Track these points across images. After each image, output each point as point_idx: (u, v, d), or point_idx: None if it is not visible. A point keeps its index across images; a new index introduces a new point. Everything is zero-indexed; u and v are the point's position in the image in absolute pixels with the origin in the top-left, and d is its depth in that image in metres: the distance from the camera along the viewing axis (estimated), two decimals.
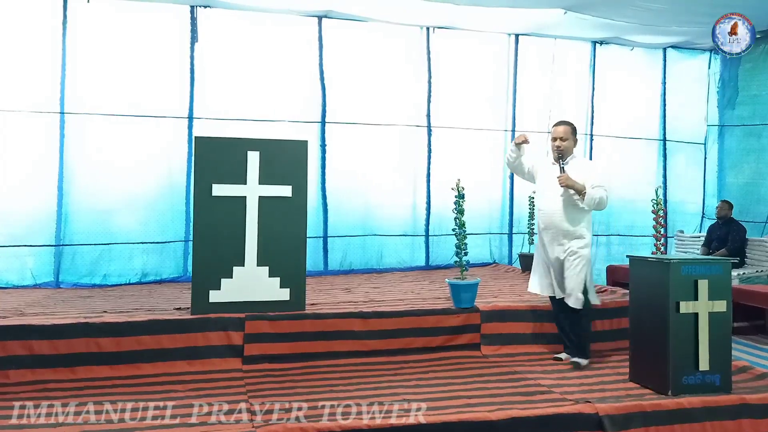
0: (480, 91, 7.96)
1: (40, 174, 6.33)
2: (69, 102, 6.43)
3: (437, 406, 3.56)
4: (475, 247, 7.26)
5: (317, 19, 7.21)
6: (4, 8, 6.24)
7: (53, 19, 6.38)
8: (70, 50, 6.43)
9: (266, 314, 4.59)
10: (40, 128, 6.37)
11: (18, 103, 6.29)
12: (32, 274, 6.27)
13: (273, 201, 4.80)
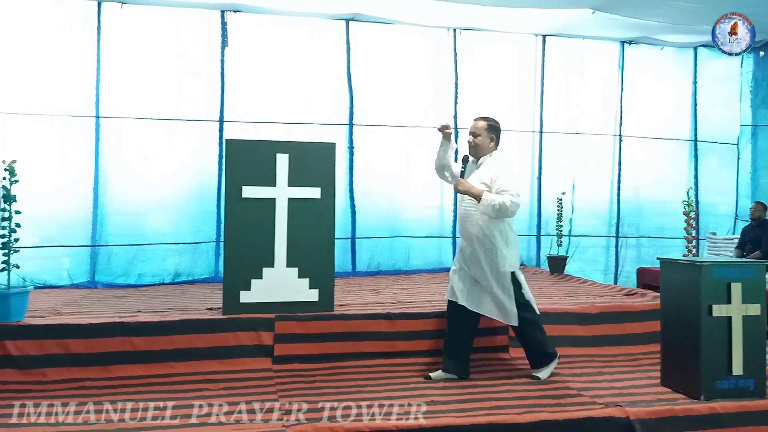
0: (506, 92, 7.93)
1: (76, 176, 6.49)
2: (104, 106, 6.59)
3: (465, 408, 3.57)
4: None
5: (345, 22, 7.26)
6: (40, 14, 6.40)
7: (87, 24, 6.54)
8: (104, 55, 6.59)
9: (295, 315, 4.64)
10: (77, 132, 6.53)
11: (55, 107, 6.45)
12: (69, 274, 6.43)
13: (302, 203, 4.85)
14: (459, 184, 4.13)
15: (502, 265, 4.13)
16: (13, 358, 4.15)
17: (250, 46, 6.98)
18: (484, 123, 4.25)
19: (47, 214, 6.19)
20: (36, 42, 6.40)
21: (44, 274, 6.30)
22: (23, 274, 5.73)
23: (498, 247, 4.12)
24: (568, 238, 7.81)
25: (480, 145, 4.22)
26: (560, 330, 4.96)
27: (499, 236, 4.12)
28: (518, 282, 4.20)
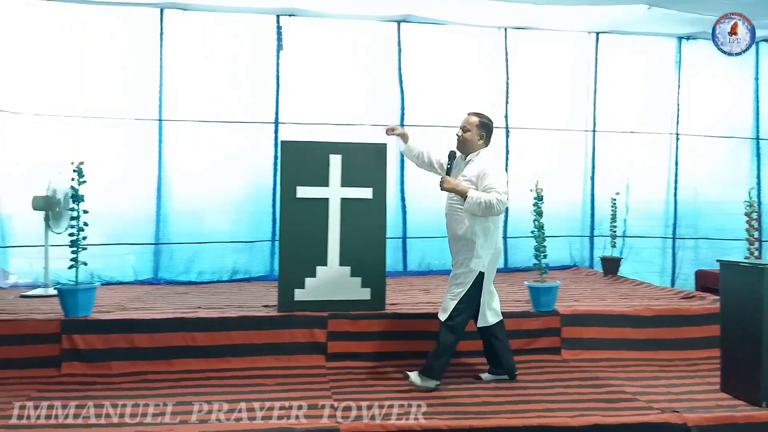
0: (558, 91, 7.82)
1: (141, 177, 6.73)
2: (166, 109, 6.82)
3: (517, 410, 3.57)
4: (554, 249, 7.14)
5: (396, 24, 7.30)
6: (107, 22, 6.66)
7: (151, 30, 6.77)
8: (166, 60, 6.81)
9: (348, 313, 4.73)
10: (142, 135, 6.78)
11: (121, 110, 6.72)
12: (133, 271, 6.69)
13: (354, 202, 4.92)
14: (444, 181, 4.02)
15: (475, 263, 4.02)
16: (80, 352, 4.37)
17: (304, 49, 7.09)
18: (476, 119, 4.15)
19: (113, 214, 6.43)
20: (103, 48, 6.66)
21: (110, 270, 6.57)
22: (91, 271, 6.01)
23: (477, 244, 4.01)
24: (622, 239, 7.66)
25: (468, 141, 4.12)
26: (614, 333, 4.90)
27: (482, 235, 4.02)
28: (480, 287, 4.05)
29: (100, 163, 6.11)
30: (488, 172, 3.99)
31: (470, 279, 4.02)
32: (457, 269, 4.09)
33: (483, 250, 4.02)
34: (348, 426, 3.28)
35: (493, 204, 3.89)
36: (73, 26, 6.59)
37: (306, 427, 3.28)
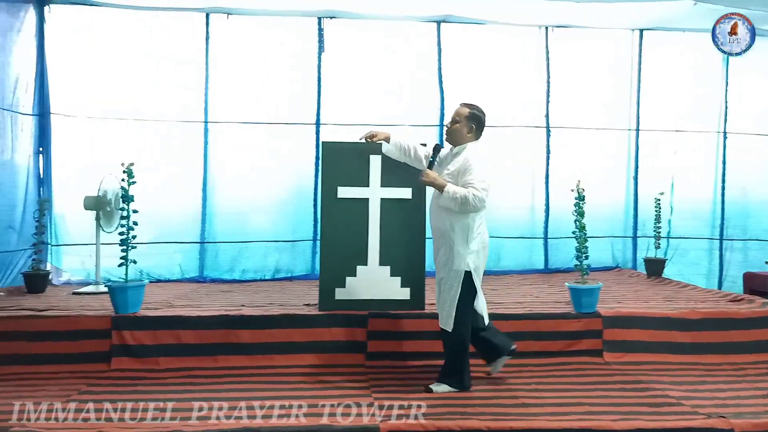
0: (601, 90, 7.69)
1: (187, 178, 6.92)
2: (212, 111, 6.99)
3: (558, 412, 3.55)
4: (596, 250, 7.05)
5: (436, 24, 7.32)
6: (156, 26, 6.87)
7: (197, 34, 6.96)
8: (212, 63, 6.98)
9: (388, 312, 4.76)
10: (188, 136, 6.97)
11: (168, 113, 6.91)
12: (181, 269, 6.88)
13: (394, 203, 4.96)
14: (423, 174, 3.96)
15: (458, 263, 3.89)
16: (129, 347, 4.52)
17: (345, 50, 7.17)
18: (466, 110, 4.02)
19: (161, 213, 6.62)
20: (150, 52, 6.86)
21: (159, 268, 6.77)
22: (140, 269, 6.20)
23: (456, 243, 3.90)
24: (666, 240, 7.50)
25: (456, 132, 4.01)
26: (658, 335, 4.82)
27: (460, 232, 3.89)
28: (471, 286, 3.94)
29: (149, 164, 6.31)
30: (470, 166, 3.87)
31: (458, 280, 3.91)
32: (441, 270, 4.01)
33: (463, 247, 3.90)
34: (388, 425, 3.31)
35: (468, 200, 3.79)
36: (121, 31, 6.80)
37: (346, 425, 3.32)
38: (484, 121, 4.07)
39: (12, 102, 6.20)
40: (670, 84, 7.71)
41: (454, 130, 4.03)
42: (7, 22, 6.17)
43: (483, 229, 4.03)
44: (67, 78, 6.73)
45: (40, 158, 6.64)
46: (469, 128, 4.01)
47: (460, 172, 3.88)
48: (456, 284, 3.91)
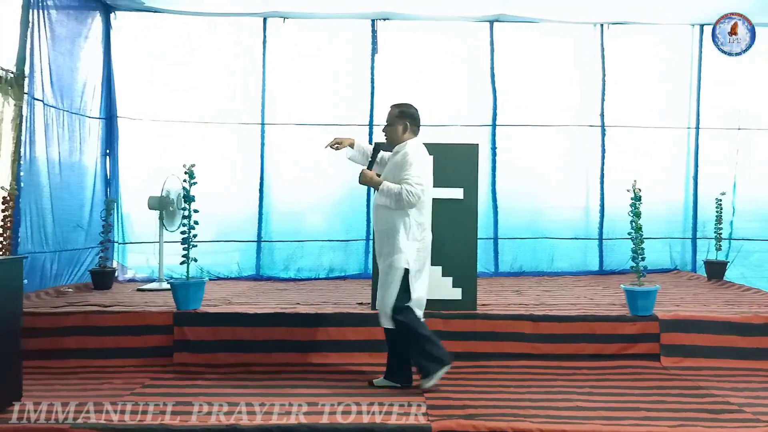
0: (658, 88, 7.50)
1: (245, 178, 7.15)
2: (268, 113, 7.18)
3: (613, 416, 3.50)
4: (653, 252, 6.86)
5: (489, 23, 7.29)
6: (216, 32, 7.12)
7: (254, 38, 7.17)
8: (269, 66, 7.17)
9: (439, 312, 4.77)
10: (245, 138, 7.19)
11: (228, 115, 7.15)
12: (239, 267, 7.10)
13: (445, 203, 4.96)
14: (361, 174, 3.97)
15: (398, 259, 3.88)
16: (190, 343, 4.68)
17: (398, 51, 7.25)
18: (395, 110, 4.05)
19: (221, 213, 6.83)
20: (211, 56, 7.11)
21: (218, 266, 7.00)
22: (200, 267, 6.40)
23: (398, 240, 3.88)
24: (728, 242, 7.26)
25: (393, 133, 4.03)
26: (718, 340, 4.69)
27: (402, 229, 3.89)
28: (407, 284, 3.91)
29: (209, 165, 6.48)
30: (407, 162, 3.89)
31: (397, 277, 3.88)
32: (382, 266, 3.97)
33: (404, 245, 3.88)
34: (440, 425, 3.33)
35: (402, 196, 3.81)
36: (183, 37, 7.07)
37: (398, 423, 3.35)
38: (417, 116, 4.09)
39: (80, 106, 6.51)
40: (732, 80, 7.46)
41: (389, 132, 4.06)
42: (75, 29, 6.47)
43: (427, 228, 4.05)
44: (132, 82, 7.04)
45: (107, 160, 6.97)
46: (404, 126, 4.03)
47: (399, 169, 3.92)
48: (395, 282, 3.89)
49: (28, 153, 5.58)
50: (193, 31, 7.07)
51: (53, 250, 6.01)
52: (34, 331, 4.43)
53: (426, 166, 4.03)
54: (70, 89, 6.34)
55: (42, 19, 5.76)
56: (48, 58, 5.87)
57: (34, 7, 5.64)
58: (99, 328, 4.70)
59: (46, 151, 5.90)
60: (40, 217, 5.79)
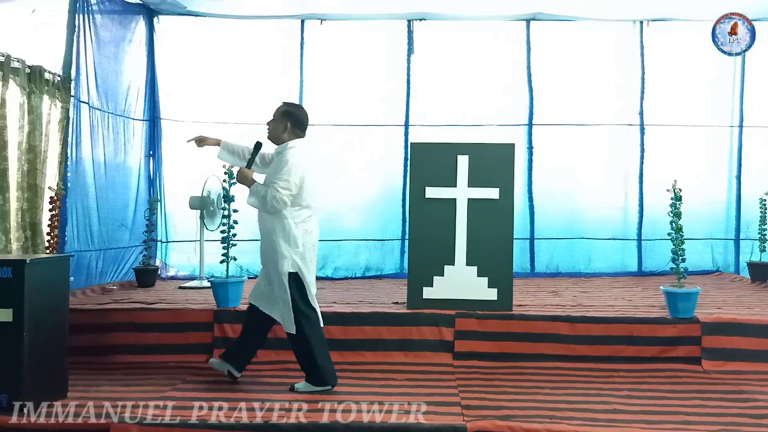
0: (700, 85, 7.33)
1: None
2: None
3: (652, 420, 3.46)
4: (694, 253, 6.73)
5: (525, 22, 7.25)
6: (250, 33, 7.21)
7: (292, 40, 7.27)
8: (306, 67, 7.26)
9: (475, 313, 4.79)
10: None
11: (266, 117, 7.08)
12: None
13: (481, 203, 4.99)
14: (238, 173, 3.95)
15: (281, 264, 3.85)
16: (230, 340, 4.72)
17: (434, 51, 7.26)
18: (282, 107, 4.03)
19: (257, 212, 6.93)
20: (250, 57, 7.21)
21: (256, 265, 6.95)
22: (240, 265, 6.48)
23: (278, 243, 3.85)
24: None
25: (273, 130, 4.00)
26: (763, 344, 4.59)
27: (281, 232, 3.85)
28: (301, 286, 3.90)
29: None
30: (281, 167, 3.85)
31: (286, 282, 3.87)
32: (269, 272, 3.96)
33: (286, 249, 3.85)
34: (475, 425, 3.33)
35: (266, 199, 3.79)
36: (223, 40, 7.20)
37: (433, 423, 3.36)
38: (302, 119, 4.03)
39: (124, 108, 6.70)
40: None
41: (271, 127, 4.02)
42: (119, 33, 6.66)
43: (310, 229, 3.98)
44: (175, 84, 7.22)
45: (150, 160, 7.16)
46: (284, 126, 3.97)
47: (274, 171, 3.89)
48: (284, 285, 3.88)
49: (74, 154, 5.77)
50: (233, 34, 7.20)
51: (98, 249, 6.20)
52: (79, 328, 4.56)
53: (301, 171, 3.90)
54: (115, 92, 6.52)
55: (88, 23, 5.93)
56: (93, 61, 6.05)
57: (80, 12, 5.81)
58: (142, 325, 4.83)
59: (92, 152, 6.08)
60: (86, 217, 5.98)
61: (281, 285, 3.89)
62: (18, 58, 4.80)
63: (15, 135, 4.88)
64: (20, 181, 4.90)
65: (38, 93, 5.06)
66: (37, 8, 5.32)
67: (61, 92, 5.43)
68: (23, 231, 4.91)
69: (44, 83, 5.15)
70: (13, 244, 4.78)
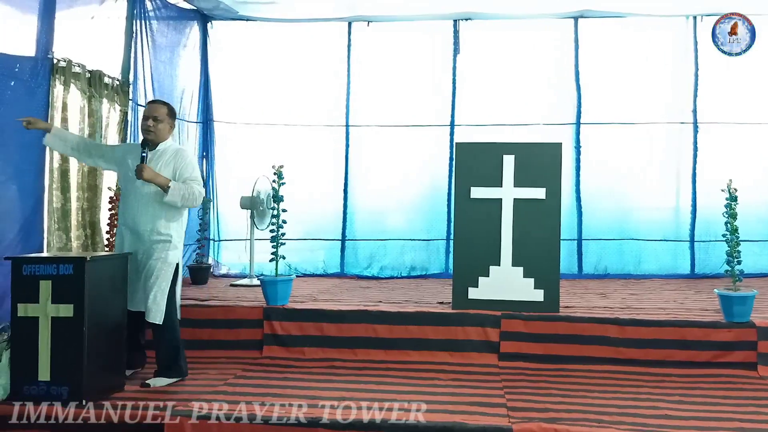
0: (757, 81, 7.05)
1: (330, 178, 7.34)
2: (353, 115, 7.34)
3: (704, 427, 3.40)
4: (750, 255, 6.45)
5: (573, 20, 7.14)
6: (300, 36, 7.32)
7: (340, 42, 7.35)
8: (353, 69, 7.33)
9: (521, 314, 4.77)
10: (331, 140, 7.39)
11: (315, 118, 7.36)
12: (324, 265, 7.31)
13: (527, 203, 4.96)
14: (144, 170, 3.94)
15: (173, 256, 4.10)
16: (279, 337, 4.89)
17: (480, 51, 7.22)
18: (166, 108, 4.19)
19: (307, 212, 7.00)
20: (300, 60, 7.31)
21: (304, 264, 7.24)
22: (288, 264, 6.63)
23: (173, 237, 4.10)
24: None
25: (161, 131, 4.12)
26: None
27: (177, 227, 4.14)
28: (177, 278, 4.15)
29: (297, 166, 6.68)
30: (188, 164, 4.12)
31: (171, 273, 4.10)
32: (151, 264, 4.05)
33: (178, 241, 4.16)
34: (521, 427, 3.33)
35: (195, 196, 4.06)
36: (273, 43, 7.32)
37: (479, 423, 3.38)
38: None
39: (179, 111, 6.87)
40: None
41: (159, 129, 4.12)
42: (174, 38, 6.86)
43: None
44: (227, 88, 7.40)
45: (203, 161, 7.35)
46: (171, 125, 4.23)
47: (177, 169, 4.07)
48: (169, 277, 4.09)
49: None
50: (283, 38, 7.32)
51: None
52: None
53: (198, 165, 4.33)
54: (170, 95, 6.71)
55: (144, 29, 6.14)
56: (150, 66, 6.24)
57: (138, 18, 6.01)
58: (196, 321, 4.96)
59: None
60: None
61: (165, 275, 4.09)
62: (78, 63, 5.01)
63: None
64: (80, 181, 5.12)
65: (98, 97, 5.27)
66: (96, 15, 5.52)
67: (119, 96, 5.65)
68: (83, 230, 5.14)
69: (103, 87, 5.36)
70: (74, 242, 5.00)
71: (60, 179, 4.87)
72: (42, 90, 4.61)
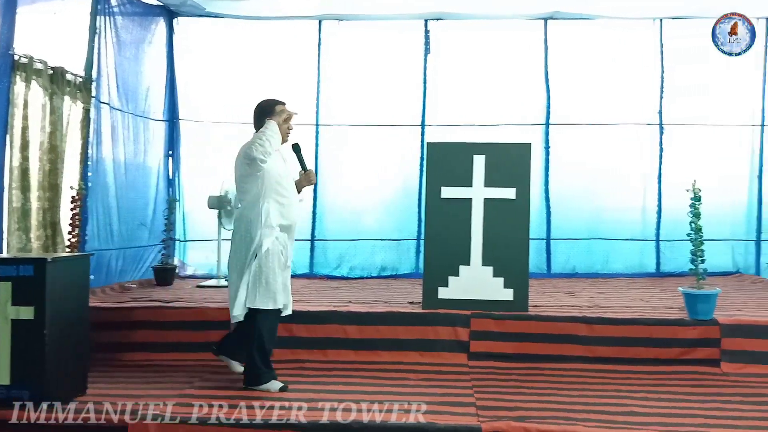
0: (720, 84, 7.19)
1: None
2: (322, 114, 7.29)
3: (669, 423, 3.44)
4: (714, 254, 6.58)
5: (543, 21, 7.21)
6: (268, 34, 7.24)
7: (309, 40, 7.31)
8: (323, 67, 7.28)
9: (491, 313, 4.78)
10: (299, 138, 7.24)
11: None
12: (292, 266, 7.20)
13: (497, 203, 4.98)
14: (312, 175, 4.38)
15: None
16: None
17: (450, 51, 7.24)
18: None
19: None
20: (268, 58, 7.22)
21: None
22: None
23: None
24: None
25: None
26: None
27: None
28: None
29: None
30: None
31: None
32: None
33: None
34: (490, 425, 3.33)
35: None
36: (241, 41, 7.23)
37: (448, 423, 3.37)
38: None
39: (144, 109, 6.78)
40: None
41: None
42: (139, 34, 6.73)
43: None
44: (193, 85, 7.28)
45: (169, 160, 7.23)
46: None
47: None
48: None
49: (95, 154, 5.85)
50: (252, 35, 7.24)
51: (118, 247, 6.27)
52: (99, 326, 4.60)
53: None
54: (135, 93, 6.60)
55: (109, 25, 6.01)
56: (114, 62, 6.13)
57: (101, 14, 5.89)
58: (161, 323, 4.86)
59: (113, 152, 6.16)
60: (107, 216, 6.05)
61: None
62: (40, 60, 4.88)
63: (37, 135, 4.97)
64: (41, 180, 4.99)
65: (60, 94, 5.14)
66: (58, 11, 5.39)
67: (82, 93, 5.52)
68: (44, 230, 5.00)
69: (66, 84, 5.23)
70: (34, 242, 4.87)
71: (20, 178, 4.74)
72: (3, 87, 4.50)
